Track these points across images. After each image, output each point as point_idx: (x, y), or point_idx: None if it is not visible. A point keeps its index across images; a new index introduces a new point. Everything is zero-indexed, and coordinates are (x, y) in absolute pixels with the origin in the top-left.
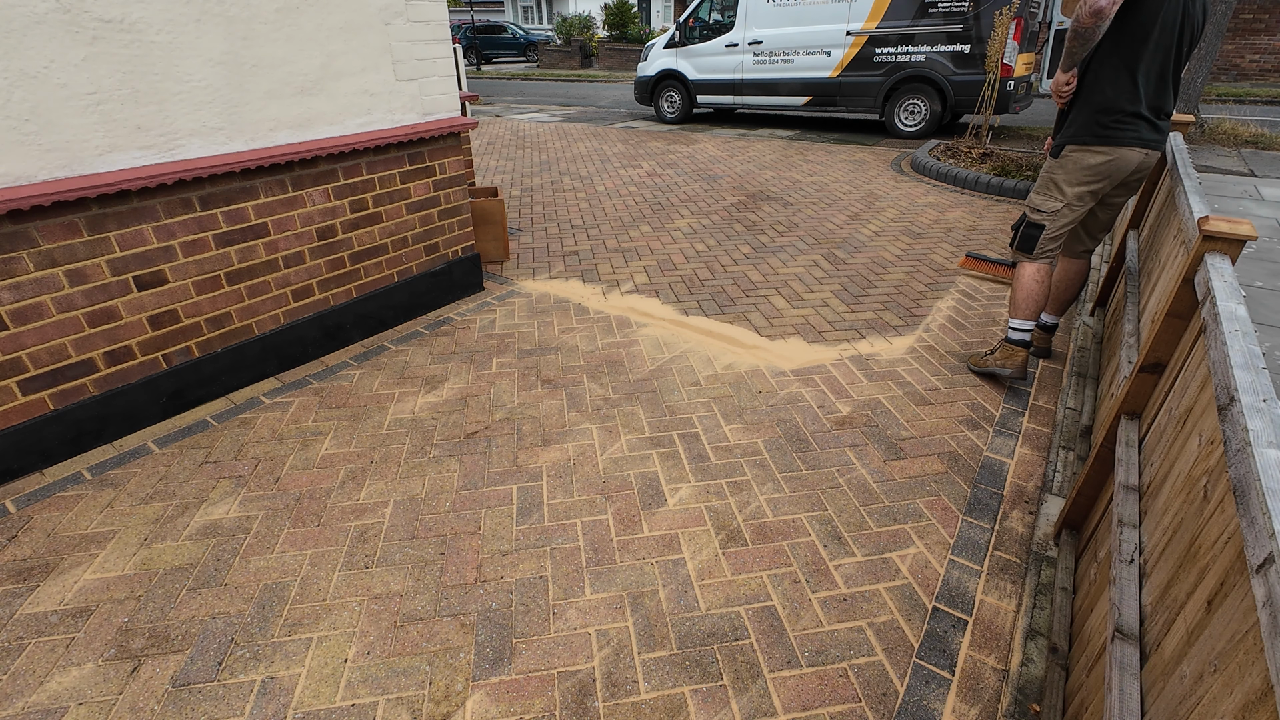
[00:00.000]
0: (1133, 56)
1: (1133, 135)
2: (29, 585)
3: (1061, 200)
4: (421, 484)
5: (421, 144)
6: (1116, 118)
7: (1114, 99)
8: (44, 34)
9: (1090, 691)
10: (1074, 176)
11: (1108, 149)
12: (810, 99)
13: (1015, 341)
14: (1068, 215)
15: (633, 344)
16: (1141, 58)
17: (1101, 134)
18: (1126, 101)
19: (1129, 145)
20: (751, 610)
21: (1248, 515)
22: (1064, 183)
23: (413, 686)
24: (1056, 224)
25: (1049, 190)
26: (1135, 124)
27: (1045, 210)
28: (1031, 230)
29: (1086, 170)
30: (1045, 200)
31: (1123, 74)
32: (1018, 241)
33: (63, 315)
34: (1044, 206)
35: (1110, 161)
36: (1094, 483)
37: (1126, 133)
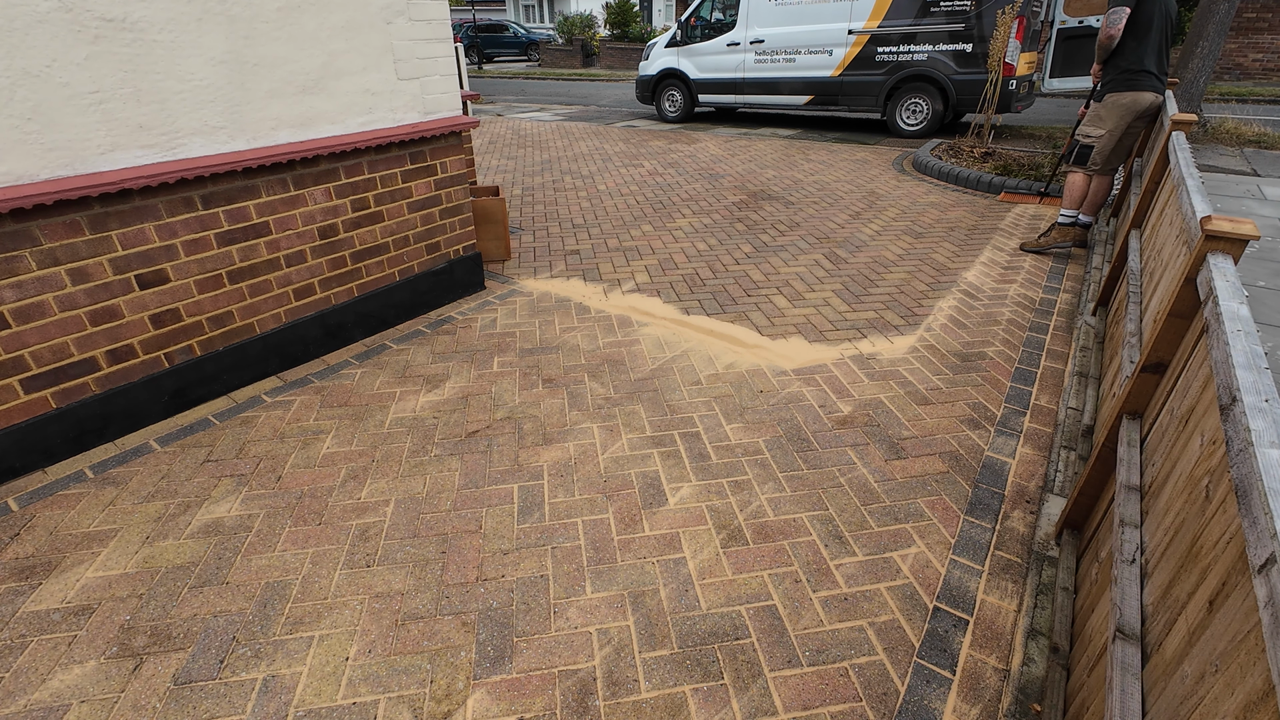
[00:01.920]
0: (1140, 37)
1: (1147, 83)
2: (31, 583)
3: (1104, 128)
4: (423, 483)
5: (423, 143)
6: (1136, 74)
7: (1133, 62)
8: (46, 33)
9: (1091, 691)
10: (1112, 112)
11: (1132, 93)
12: (812, 98)
13: (1066, 224)
14: (1109, 139)
15: (634, 343)
16: (1146, 38)
17: (1128, 83)
18: (1140, 64)
19: (1145, 89)
20: (752, 609)
21: (1250, 515)
22: (1106, 116)
23: (414, 685)
24: (1102, 144)
25: (1097, 123)
26: (1148, 77)
27: (1094, 134)
28: (1084, 150)
29: (1119, 107)
30: (1094, 129)
31: (1135, 48)
32: (1074, 158)
33: (65, 314)
34: (1093, 132)
35: (1135, 99)
36: (1095, 483)
37: (1143, 82)
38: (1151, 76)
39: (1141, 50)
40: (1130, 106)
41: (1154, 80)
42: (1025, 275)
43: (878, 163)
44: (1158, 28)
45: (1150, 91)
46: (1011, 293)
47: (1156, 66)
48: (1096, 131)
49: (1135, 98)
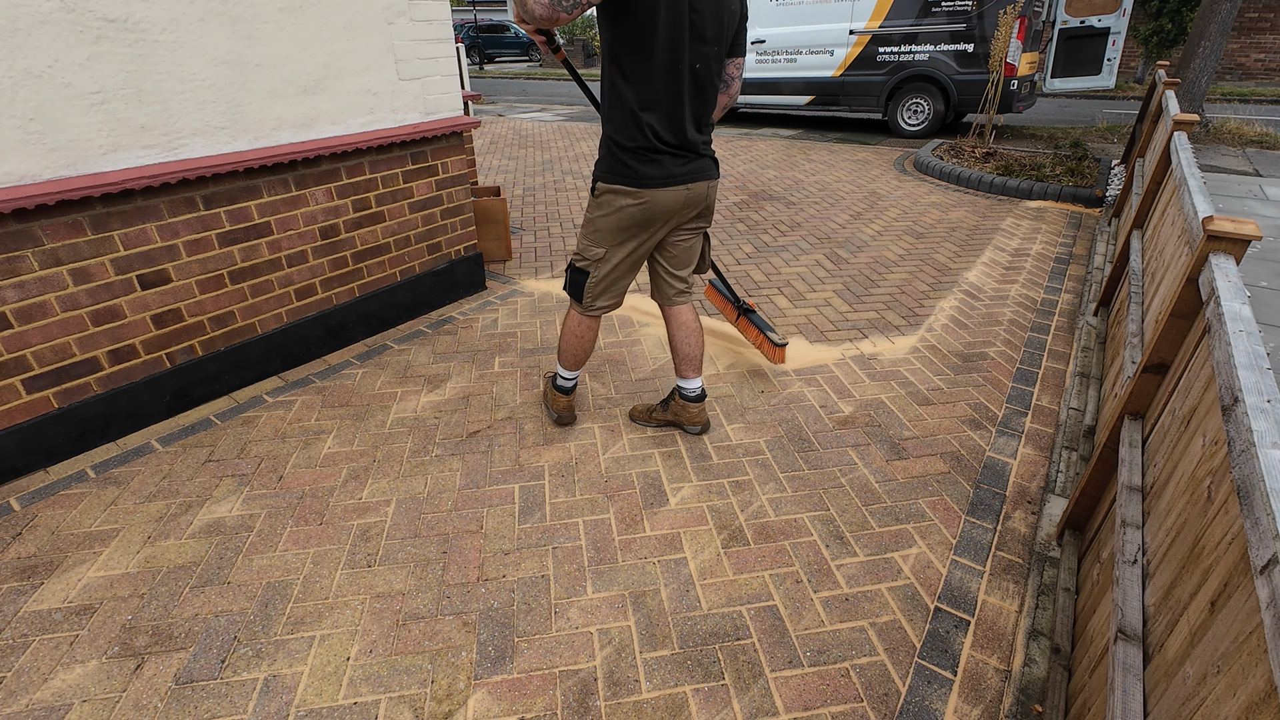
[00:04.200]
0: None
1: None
2: (33, 583)
3: (599, 244)
4: (424, 483)
5: (424, 143)
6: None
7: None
8: (48, 33)
9: (1093, 693)
10: (606, 218)
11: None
12: (813, 98)
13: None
14: (609, 266)
15: (635, 343)
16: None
17: (622, 169)
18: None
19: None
20: (753, 610)
21: (1252, 516)
22: (599, 223)
23: (415, 685)
24: (598, 271)
25: (589, 232)
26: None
27: (588, 254)
28: (577, 276)
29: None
30: (587, 244)
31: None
32: (568, 283)
33: (67, 314)
34: (587, 251)
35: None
36: (1097, 483)
37: (648, 170)
38: (668, 156)
39: (645, 96)
40: (637, 217)
41: (672, 160)
42: (1027, 276)
43: (879, 163)
44: (671, 40)
45: (668, 186)
46: (1013, 293)
47: (689, 125)
48: (592, 250)
49: (641, 202)
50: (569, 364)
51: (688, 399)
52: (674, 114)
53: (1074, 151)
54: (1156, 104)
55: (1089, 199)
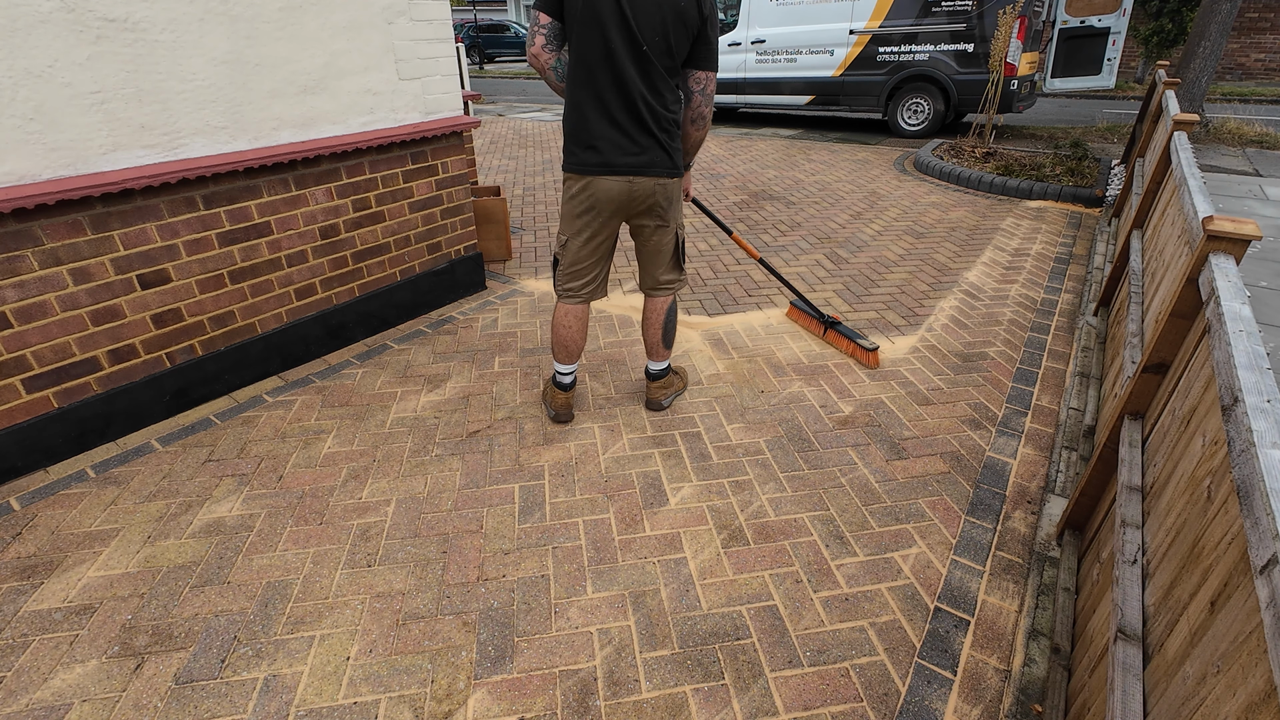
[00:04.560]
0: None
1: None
2: (33, 582)
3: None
4: (424, 483)
5: (424, 143)
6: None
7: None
8: (48, 33)
9: (1093, 692)
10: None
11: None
12: (813, 98)
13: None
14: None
15: (635, 343)
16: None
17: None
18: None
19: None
20: (753, 609)
21: (1251, 516)
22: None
23: (415, 684)
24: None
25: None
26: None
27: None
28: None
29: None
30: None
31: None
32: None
33: (67, 313)
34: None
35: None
36: (1097, 483)
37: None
38: (601, 145)
39: (583, 94)
40: (586, 201)
41: (611, 150)
42: (1027, 276)
43: (879, 163)
44: (603, 38)
45: (605, 175)
46: (1013, 293)
47: (617, 116)
48: (560, 236)
49: (587, 189)
50: (556, 355)
51: (649, 376)
52: (606, 105)
53: (1074, 151)
54: (1156, 104)
55: (1089, 199)
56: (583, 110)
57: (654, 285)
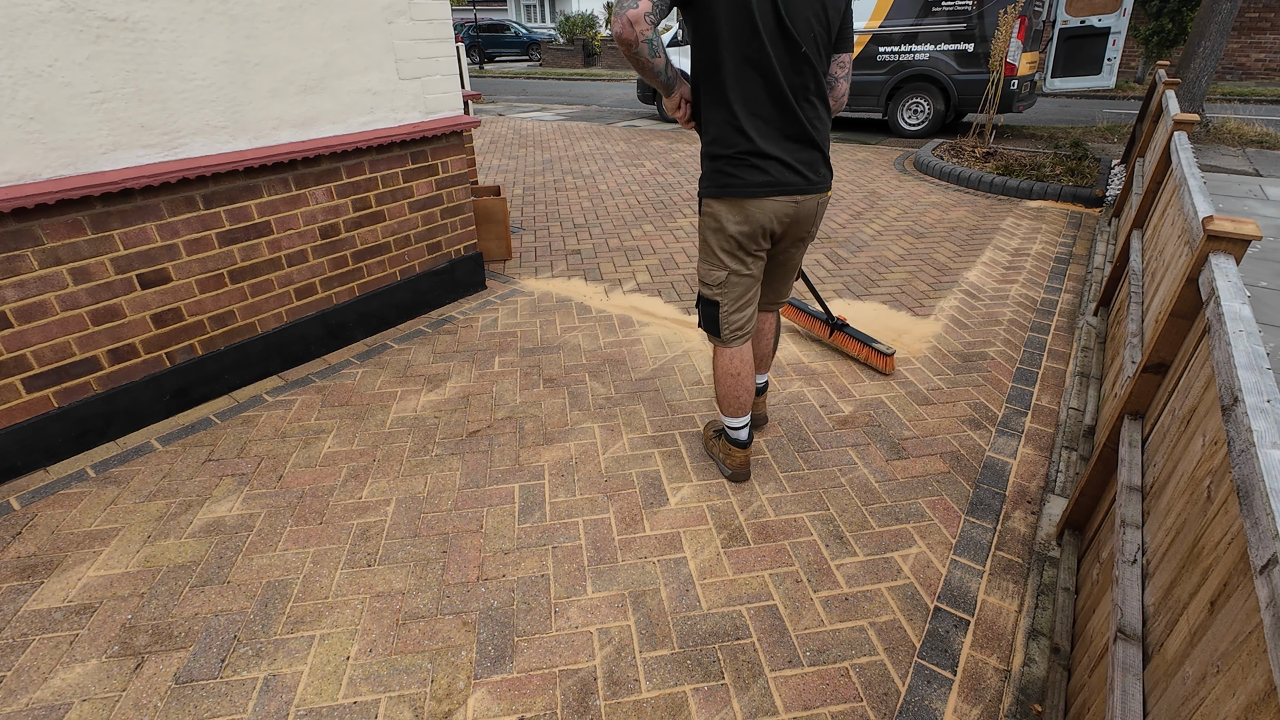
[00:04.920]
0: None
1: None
2: (33, 582)
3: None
4: (424, 482)
5: (424, 142)
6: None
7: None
8: (49, 33)
9: (1092, 692)
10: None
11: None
12: None
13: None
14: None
15: (635, 343)
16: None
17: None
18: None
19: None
20: (753, 609)
21: (1251, 516)
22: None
23: (414, 684)
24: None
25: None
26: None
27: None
28: (708, 308)
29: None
30: (707, 268)
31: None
32: (701, 319)
33: (67, 313)
34: (709, 276)
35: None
36: (1097, 483)
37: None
38: (771, 162)
39: (734, 98)
40: (743, 227)
41: (777, 168)
42: (1027, 276)
43: (879, 162)
44: (761, 39)
45: (772, 195)
46: (1013, 293)
47: (786, 125)
48: (712, 275)
49: (745, 214)
50: (732, 410)
51: (758, 390)
52: (765, 116)
53: (1074, 151)
54: (1157, 104)
55: (1089, 199)
56: (735, 124)
57: (776, 300)
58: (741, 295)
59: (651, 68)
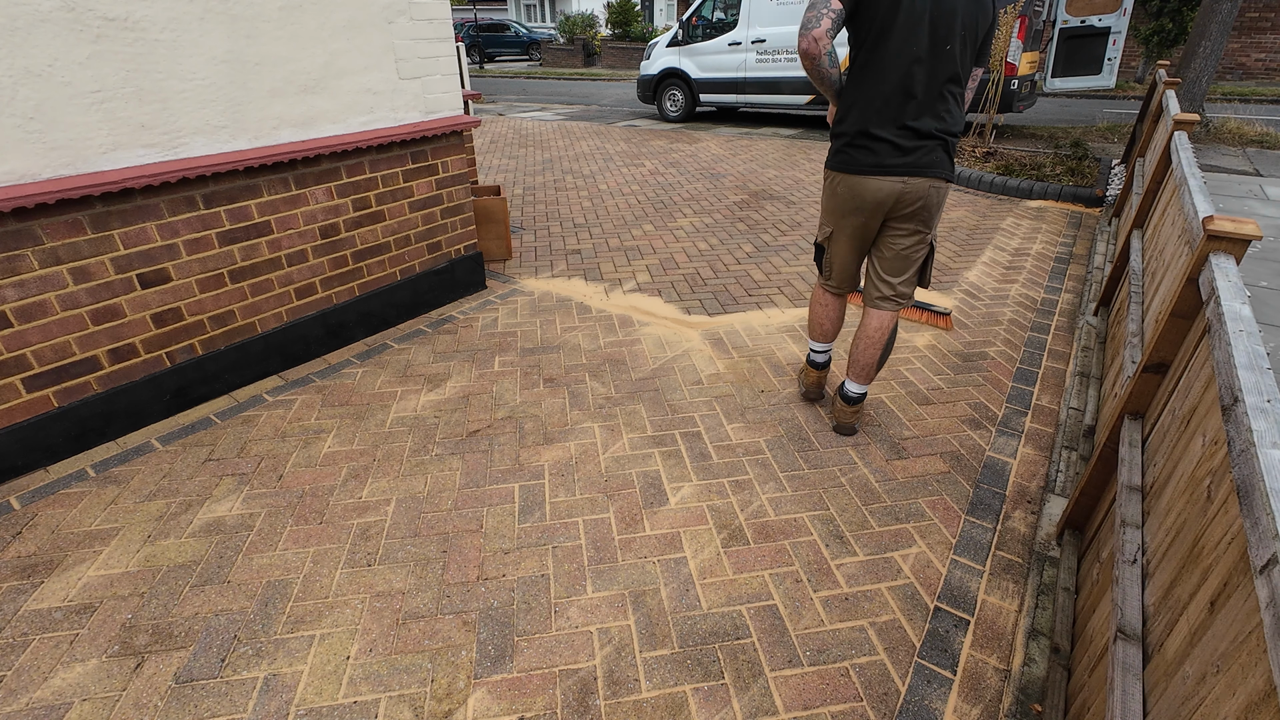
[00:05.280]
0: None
1: (868, 159)
2: (33, 582)
3: (827, 224)
4: (424, 482)
5: (424, 142)
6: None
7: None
8: (48, 32)
9: (1092, 692)
10: (828, 198)
11: (845, 176)
12: (813, 98)
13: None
14: (838, 242)
15: (635, 343)
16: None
17: (840, 156)
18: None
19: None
20: (753, 609)
21: (1251, 516)
22: (824, 203)
23: (415, 684)
24: (832, 248)
25: (824, 212)
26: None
27: (821, 231)
28: (817, 250)
29: (832, 194)
30: (822, 221)
31: (862, 88)
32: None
33: (67, 313)
34: (822, 227)
35: (852, 189)
36: (1097, 483)
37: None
38: (882, 145)
39: (870, 94)
40: (848, 199)
41: (887, 151)
42: (1027, 275)
43: None
44: (905, 43)
45: (876, 176)
46: (1013, 293)
47: (908, 116)
48: (822, 229)
49: (851, 187)
50: (812, 334)
51: (843, 396)
52: (897, 104)
53: (1074, 151)
54: (1157, 104)
55: (1089, 199)
56: (867, 109)
57: (883, 295)
58: (841, 259)
59: (828, 77)
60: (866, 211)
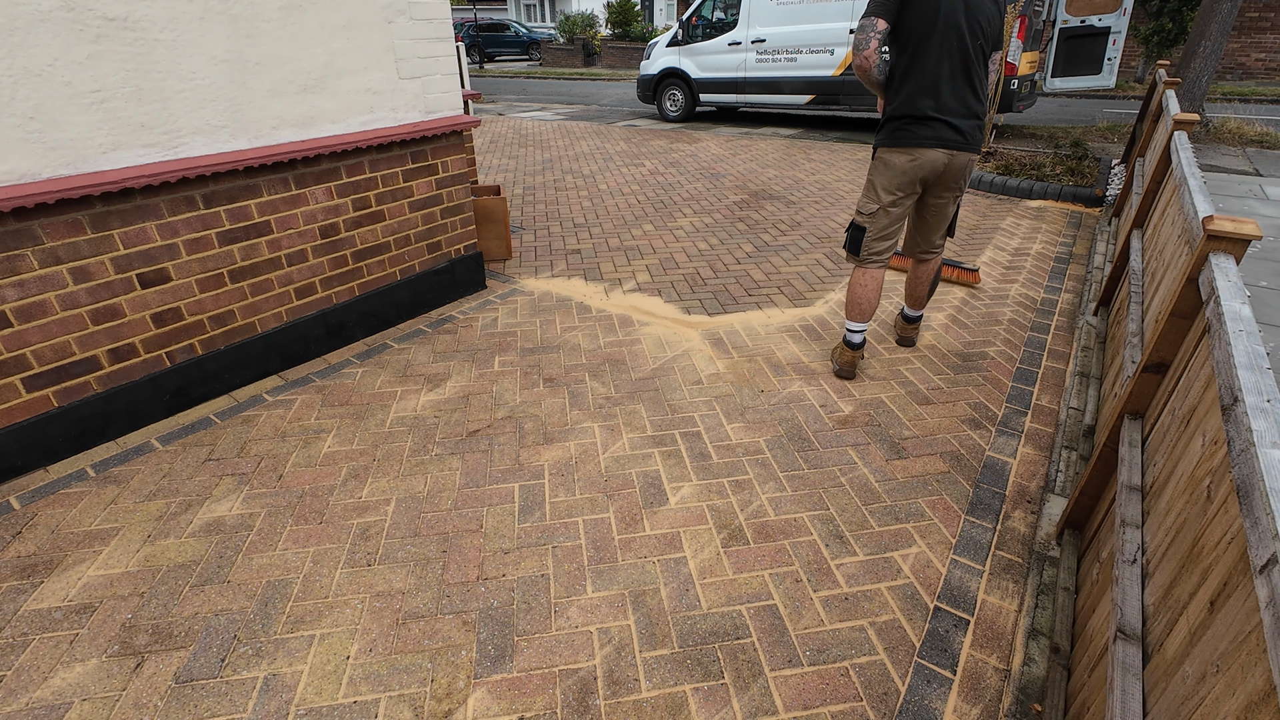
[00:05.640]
0: (914, 60)
1: (927, 133)
2: (33, 581)
3: (875, 202)
4: (424, 482)
5: (424, 142)
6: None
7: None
8: (48, 32)
9: (1092, 692)
10: (880, 175)
11: (904, 150)
12: (813, 97)
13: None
14: (884, 217)
15: (635, 342)
16: (923, 59)
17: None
18: (913, 105)
19: (926, 145)
20: (753, 609)
21: (1251, 516)
22: (874, 183)
23: (414, 684)
24: (876, 225)
25: (867, 192)
26: (932, 124)
27: (864, 210)
28: (855, 232)
29: (889, 169)
30: (865, 201)
31: (908, 78)
32: (847, 241)
33: (67, 312)
34: (864, 207)
35: (912, 160)
36: (1097, 483)
37: (920, 131)
38: (938, 124)
39: (917, 85)
40: (905, 172)
41: (943, 129)
42: (1027, 275)
43: None
44: (943, 45)
45: (935, 148)
46: (1013, 293)
47: (953, 101)
48: (868, 206)
49: (911, 159)
50: (851, 314)
51: (905, 318)
52: (942, 91)
53: (1074, 151)
54: (1157, 103)
55: (1089, 198)
56: (917, 97)
57: (927, 249)
58: (884, 229)
59: (877, 81)
60: (920, 178)
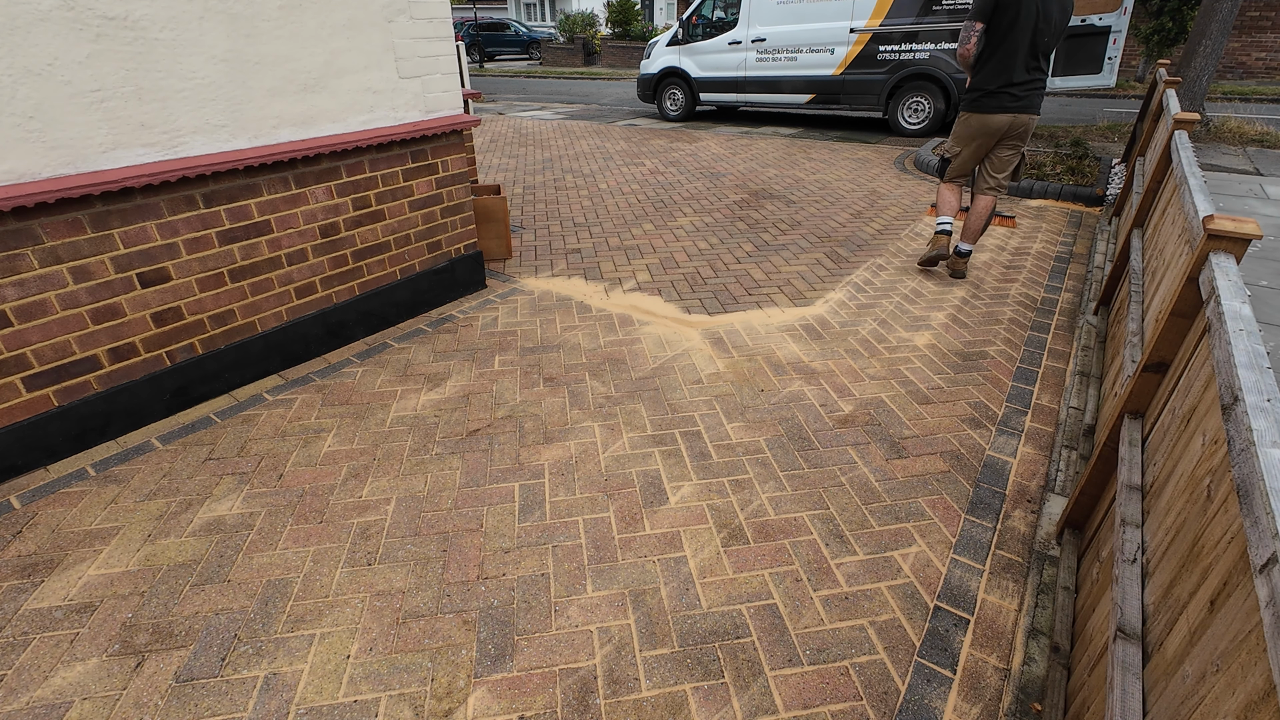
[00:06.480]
0: (994, 52)
1: (995, 105)
2: (34, 581)
3: (959, 146)
4: (424, 481)
5: (424, 141)
6: (984, 95)
7: (984, 81)
8: (48, 31)
9: (1092, 691)
10: (964, 130)
11: (980, 115)
12: (813, 97)
13: (940, 231)
14: (966, 156)
15: (635, 342)
16: (998, 52)
17: (975, 104)
18: (989, 83)
19: (993, 111)
20: (753, 608)
21: (1251, 515)
22: (960, 134)
23: (415, 683)
24: (959, 160)
25: (955, 139)
26: (999, 97)
27: (951, 150)
28: (943, 163)
29: (968, 127)
30: (952, 145)
31: (987, 66)
32: (936, 168)
33: (67, 312)
34: (951, 149)
35: (983, 123)
36: (1097, 482)
37: (990, 104)
38: (1004, 95)
39: (995, 67)
40: (978, 129)
41: (1007, 99)
42: (1027, 274)
43: (879, 161)
44: (1019, 38)
45: (1000, 113)
46: (1013, 292)
47: (1017, 78)
48: (952, 149)
49: (983, 121)
50: (944, 212)
51: (957, 252)
52: (1014, 72)
53: (1074, 150)
54: (1157, 103)
55: (1089, 198)
56: (994, 76)
57: (990, 186)
58: (963, 163)
59: (971, 65)
60: (988, 134)
